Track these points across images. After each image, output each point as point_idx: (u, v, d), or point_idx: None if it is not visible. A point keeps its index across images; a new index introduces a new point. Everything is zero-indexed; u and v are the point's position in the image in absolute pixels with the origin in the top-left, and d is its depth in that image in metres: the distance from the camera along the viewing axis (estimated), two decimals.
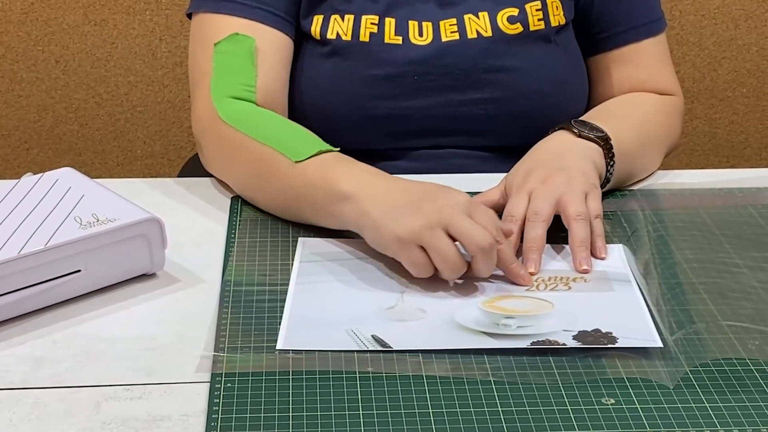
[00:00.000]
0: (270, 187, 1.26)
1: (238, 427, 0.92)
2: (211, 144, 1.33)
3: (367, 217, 1.14)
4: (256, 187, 1.28)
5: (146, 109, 2.46)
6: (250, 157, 1.27)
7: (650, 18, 1.48)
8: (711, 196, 1.34)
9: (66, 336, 1.05)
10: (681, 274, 1.16)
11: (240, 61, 1.34)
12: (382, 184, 1.17)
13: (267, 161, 1.25)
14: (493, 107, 1.42)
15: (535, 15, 1.42)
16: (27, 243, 1.07)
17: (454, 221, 1.10)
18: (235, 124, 1.29)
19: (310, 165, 1.22)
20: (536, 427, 0.92)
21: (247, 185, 1.30)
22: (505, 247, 1.12)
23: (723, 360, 1.01)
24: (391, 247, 1.12)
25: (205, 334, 1.05)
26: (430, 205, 1.11)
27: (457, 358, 1.01)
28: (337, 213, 1.18)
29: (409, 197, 1.13)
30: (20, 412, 0.94)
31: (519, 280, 1.13)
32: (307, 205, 1.21)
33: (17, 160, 2.49)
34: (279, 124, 1.31)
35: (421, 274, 1.11)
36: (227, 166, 1.32)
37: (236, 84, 1.33)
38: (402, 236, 1.10)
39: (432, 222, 1.10)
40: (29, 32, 2.38)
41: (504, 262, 1.13)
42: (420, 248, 1.10)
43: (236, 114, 1.31)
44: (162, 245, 1.14)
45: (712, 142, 2.61)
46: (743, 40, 2.51)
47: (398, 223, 1.11)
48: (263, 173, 1.26)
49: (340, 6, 1.40)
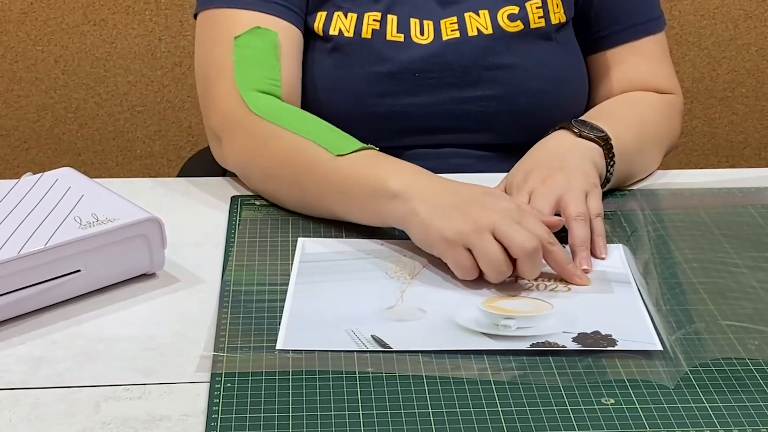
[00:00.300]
0: (305, 179, 1.24)
1: (237, 427, 0.92)
2: (237, 137, 1.31)
3: (414, 216, 1.14)
4: (288, 179, 1.26)
5: (146, 109, 2.46)
6: (284, 148, 1.26)
7: (649, 16, 1.48)
8: (711, 196, 1.34)
9: (66, 336, 1.05)
10: (681, 273, 1.16)
11: (263, 55, 1.33)
12: (431, 183, 1.17)
13: (304, 153, 1.24)
14: (494, 105, 1.42)
15: (536, 13, 1.42)
16: (27, 243, 1.07)
17: (501, 225, 1.10)
18: (267, 116, 1.28)
19: (354, 160, 1.21)
20: (536, 427, 0.92)
21: (276, 177, 1.28)
22: (557, 248, 1.12)
23: (723, 360, 1.01)
24: (437, 247, 1.13)
25: (204, 334, 1.05)
26: (478, 208, 1.11)
27: (457, 359, 1.01)
28: (384, 210, 1.17)
29: (458, 199, 1.13)
30: (20, 412, 0.94)
31: (575, 280, 1.13)
32: (348, 200, 1.21)
33: (17, 159, 2.49)
34: (315, 119, 1.31)
35: (465, 276, 1.12)
36: (254, 157, 1.30)
37: (261, 78, 1.32)
38: (449, 237, 1.11)
39: (480, 225, 1.10)
40: (28, 32, 2.38)
41: (558, 264, 1.13)
42: (466, 250, 1.10)
43: (267, 107, 1.30)
44: (162, 245, 1.14)
45: (711, 142, 2.61)
46: (743, 40, 2.51)
47: (446, 224, 1.11)
48: (299, 165, 1.24)
49: (344, 3, 1.41)
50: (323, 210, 1.24)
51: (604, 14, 1.48)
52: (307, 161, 1.24)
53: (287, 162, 1.26)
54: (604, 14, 1.48)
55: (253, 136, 1.29)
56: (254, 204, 1.30)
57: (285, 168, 1.26)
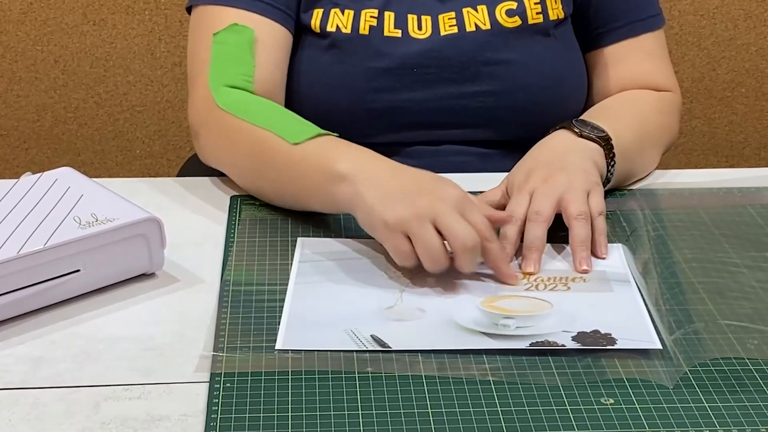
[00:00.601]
0: (268, 170, 1.26)
1: (237, 427, 0.92)
2: (209, 132, 1.33)
3: (360, 199, 1.15)
4: (255, 172, 1.29)
5: (145, 109, 2.46)
6: (248, 142, 1.28)
7: (648, 14, 1.48)
8: (710, 196, 1.34)
9: (65, 336, 1.05)
10: (680, 273, 1.16)
11: (238, 52, 1.35)
12: (379, 167, 1.18)
13: (265, 144, 1.26)
14: (492, 100, 1.42)
15: (534, 8, 1.42)
16: (26, 243, 1.07)
17: (442, 216, 1.10)
18: (233, 111, 1.30)
19: (308, 146, 1.22)
20: (535, 427, 0.92)
21: (246, 171, 1.30)
22: (495, 245, 1.13)
23: (722, 360, 1.01)
24: (378, 232, 1.14)
25: (204, 333, 1.05)
26: (423, 197, 1.12)
27: (457, 358, 1.01)
28: (335, 194, 1.18)
29: (405, 185, 1.14)
30: (19, 412, 0.94)
31: (506, 279, 1.13)
32: (304, 186, 1.22)
33: (16, 159, 2.49)
34: (276, 110, 1.32)
35: (403, 262, 1.12)
36: (226, 153, 1.32)
37: (234, 73, 1.34)
38: (390, 223, 1.11)
39: (421, 213, 1.11)
40: (28, 32, 2.38)
41: (493, 261, 1.13)
42: (406, 237, 1.11)
43: (234, 102, 1.31)
44: (161, 245, 1.14)
45: (711, 141, 2.61)
46: (742, 40, 2.51)
47: (389, 210, 1.12)
48: (262, 157, 1.26)
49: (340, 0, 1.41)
50: (291, 200, 1.26)
51: (603, 11, 1.48)
52: (268, 152, 1.26)
53: (251, 153, 1.28)
54: (603, 11, 1.48)
55: (223, 132, 1.31)
56: (254, 204, 1.30)
57: (250, 160, 1.28)
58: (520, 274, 1.15)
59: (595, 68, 1.50)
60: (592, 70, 1.50)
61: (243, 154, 1.29)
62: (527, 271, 1.15)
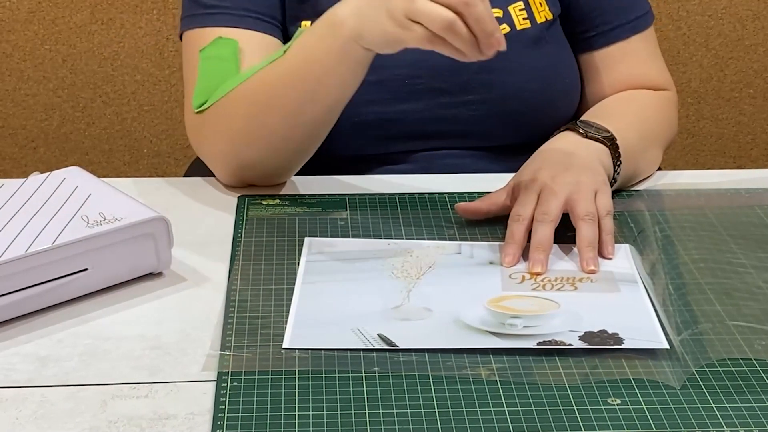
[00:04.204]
0: (273, 98, 1.26)
1: (244, 425, 0.92)
2: (204, 130, 1.33)
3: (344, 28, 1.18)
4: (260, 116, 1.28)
5: (153, 108, 2.46)
6: (243, 98, 1.28)
7: (636, 14, 1.47)
8: (717, 197, 1.34)
9: (72, 335, 1.05)
10: (687, 274, 1.16)
11: (225, 64, 1.34)
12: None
13: (258, 82, 1.27)
14: (484, 108, 1.42)
15: (519, 15, 1.42)
16: (34, 242, 1.07)
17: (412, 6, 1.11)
18: (215, 99, 1.30)
19: (298, 39, 1.25)
20: (542, 426, 0.92)
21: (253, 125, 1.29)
22: (482, 7, 1.11)
23: (729, 360, 1.01)
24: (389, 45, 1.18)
25: (211, 333, 1.05)
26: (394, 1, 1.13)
27: (463, 358, 1.01)
28: (344, 43, 1.20)
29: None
30: (26, 411, 0.94)
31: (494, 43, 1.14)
32: (312, 68, 1.23)
33: (24, 159, 2.50)
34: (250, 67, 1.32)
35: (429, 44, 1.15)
36: (226, 133, 1.31)
37: (218, 85, 1.33)
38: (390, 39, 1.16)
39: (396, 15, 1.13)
40: (36, 31, 2.39)
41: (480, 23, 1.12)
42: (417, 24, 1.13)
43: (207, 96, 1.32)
44: (168, 244, 1.14)
45: (718, 142, 2.61)
46: (750, 40, 2.51)
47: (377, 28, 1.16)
48: (260, 94, 1.27)
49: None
50: (309, 107, 1.26)
51: (591, 13, 1.47)
52: (265, 85, 1.27)
53: (251, 104, 1.28)
54: (592, 13, 1.47)
55: (212, 119, 1.31)
56: (261, 203, 1.30)
57: (251, 110, 1.28)
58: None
59: (587, 72, 1.49)
60: (585, 73, 1.49)
61: (242, 115, 1.29)
62: (534, 272, 1.15)
